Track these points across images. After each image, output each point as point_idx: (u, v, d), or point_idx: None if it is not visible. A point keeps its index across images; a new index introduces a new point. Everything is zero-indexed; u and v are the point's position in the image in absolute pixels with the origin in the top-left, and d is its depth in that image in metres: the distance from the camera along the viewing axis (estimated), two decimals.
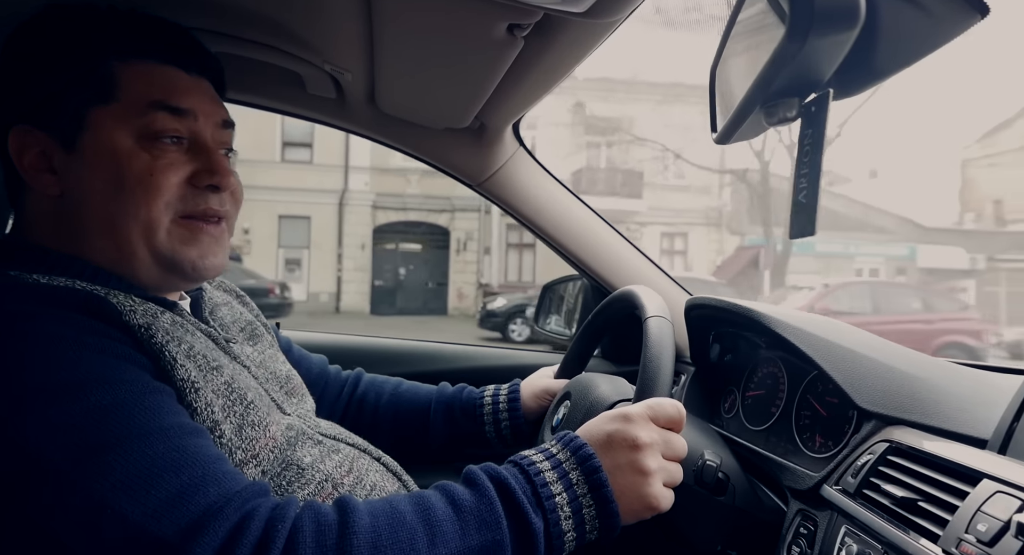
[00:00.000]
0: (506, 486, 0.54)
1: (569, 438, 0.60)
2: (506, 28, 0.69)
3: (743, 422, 0.98)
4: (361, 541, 0.48)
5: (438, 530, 0.50)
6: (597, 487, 0.56)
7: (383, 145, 1.18)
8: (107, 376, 0.50)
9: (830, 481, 0.71)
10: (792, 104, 0.49)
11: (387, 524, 0.50)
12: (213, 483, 0.48)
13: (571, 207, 1.21)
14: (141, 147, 0.61)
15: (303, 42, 0.89)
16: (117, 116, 0.61)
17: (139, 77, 0.62)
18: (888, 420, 0.70)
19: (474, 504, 0.53)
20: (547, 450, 0.59)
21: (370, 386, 0.98)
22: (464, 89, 0.91)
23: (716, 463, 0.76)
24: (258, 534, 0.46)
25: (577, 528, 0.55)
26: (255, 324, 0.81)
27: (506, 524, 0.52)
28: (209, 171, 0.63)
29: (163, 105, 0.62)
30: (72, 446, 0.45)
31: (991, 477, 0.52)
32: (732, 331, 1.05)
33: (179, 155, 0.63)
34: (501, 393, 0.96)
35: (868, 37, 0.43)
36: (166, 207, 0.61)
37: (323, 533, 0.48)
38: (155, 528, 0.44)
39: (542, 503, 0.54)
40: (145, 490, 0.45)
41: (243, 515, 0.47)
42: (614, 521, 0.56)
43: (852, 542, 0.62)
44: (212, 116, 0.66)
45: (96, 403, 0.48)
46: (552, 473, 0.56)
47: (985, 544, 0.48)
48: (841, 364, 0.77)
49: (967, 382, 0.75)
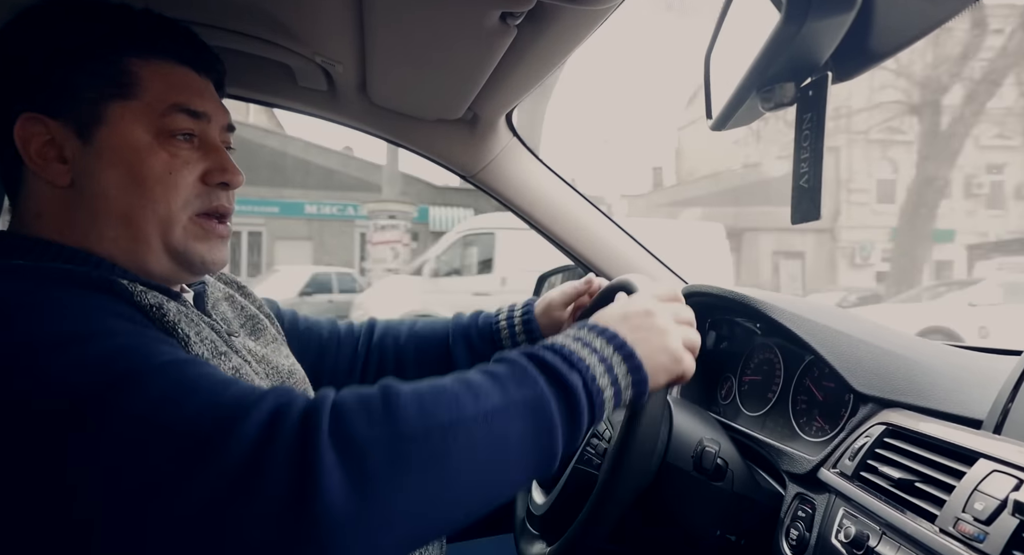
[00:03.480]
0: (535, 354, 0.55)
1: (582, 323, 0.62)
2: (499, 16, 0.68)
3: (740, 408, 0.98)
4: (407, 401, 0.47)
5: (480, 390, 0.50)
6: (620, 346, 0.58)
7: (376, 137, 1.17)
8: (124, 328, 0.51)
9: (827, 464, 0.72)
10: (788, 88, 0.49)
11: (428, 388, 0.49)
12: (245, 388, 0.48)
13: (565, 197, 1.21)
14: (159, 145, 0.62)
15: (293, 34, 0.88)
16: (137, 113, 0.61)
17: (159, 77, 0.63)
18: (884, 403, 0.70)
19: (508, 371, 0.53)
20: (566, 334, 0.60)
21: (387, 331, 0.99)
22: (457, 79, 0.90)
23: (715, 449, 0.76)
24: (301, 408, 0.45)
25: (613, 384, 0.56)
26: (258, 317, 0.81)
27: (543, 380, 0.52)
28: (221, 169, 0.65)
29: (184, 108, 0.63)
30: (101, 377, 0.46)
31: (987, 457, 0.53)
32: (728, 318, 1.06)
33: (192, 153, 0.64)
34: (515, 314, 0.96)
35: (865, 19, 0.43)
36: (184, 205, 0.63)
37: (366, 399, 0.47)
38: (197, 429, 0.44)
39: (574, 364, 0.55)
40: (181, 402, 0.45)
41: (282, 402, 0.46)
42: (641, 375, 0.58)
43: (850, 523, 0.62)
44: (220, 119, 0.68)
45: (119, 343, 0.49)
46: (575, 343, 0.57)
47: (982, 523, 0.48)
48: (837, 348, 0.77)
49: (962, 364, 0.76)
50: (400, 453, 0.44)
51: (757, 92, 0.50)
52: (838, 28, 0.41)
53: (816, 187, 0.48)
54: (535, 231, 1.23)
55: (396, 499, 0.44)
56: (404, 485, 0.44)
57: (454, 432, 0.46)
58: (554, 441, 0.51)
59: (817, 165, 0.48)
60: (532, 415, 0.50)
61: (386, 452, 0.44)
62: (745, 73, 0.48)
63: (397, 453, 0.44)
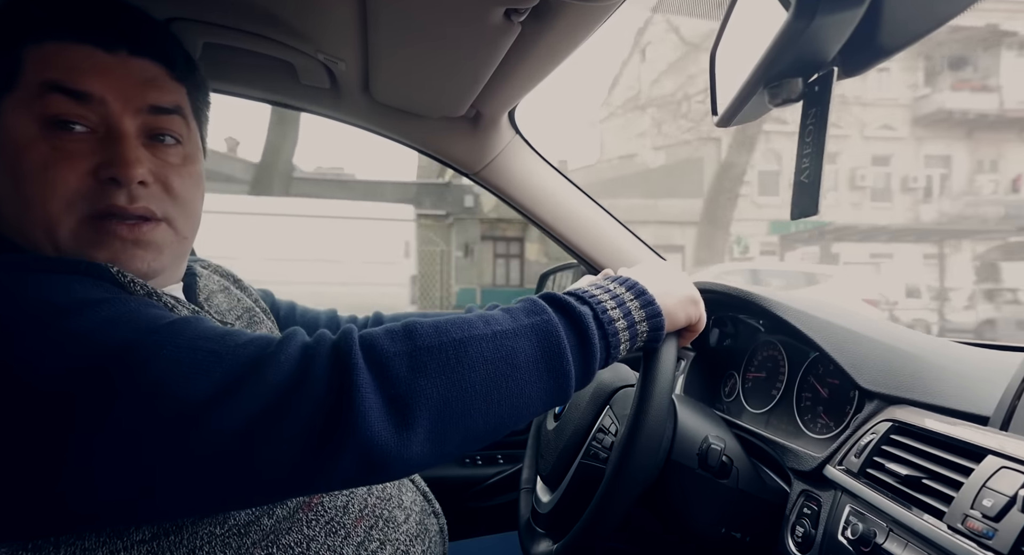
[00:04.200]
0: (549, 293, 0.58)
1: (600, 275, 0.68)
2: (503, 13, 0.68)
3: (744, 405, 0.98)
4: (424, 325, 0.52)
5: (491, 318, 0.54)
6: (632, 286, 0.61)
7: (378, 135, 1.17)
8: (121, 297, 0.51)
9: (833, 461, 0.71)
10: (795, 84, 0.49)
11: (445, 318, 0.54)
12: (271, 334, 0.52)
13: (568, 195, 1.21)
14: (42, 137, 0.54)
15: (295, 31, 0.87)
16: (18, 102, 0.55)
17: (41, 59, 0.55)
18: (890, 400, 0.70)
19: (521, 306, 0.57)
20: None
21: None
22: (460, 77, 0.90)
23: (720, 446, 0.76)
24: (333, 337, 0.50)
25: (626, 317, 0.59)
26: (254, 310, 0.80)
27: (552, 310, 0.56)
28: (109, 162, 0.55)
29: (58, 87, 0.54)
30: (137, 327, 0.47)
31: (996, 453, 0.53)
32: (731, 316, 1.06)
33: (84, 146, 0.55)
34: None
35: (874, 14, 0.43)
36: (68, 206, 0.55)
37: (389, 327, 0.52)
38: (244, 352, 0.47)
39: (586, 300, 0.58)
40: (221, 337, 0.49)
41: (314, 335, 0.51)
42: (655, 310, 0.61)
43: (857, 520, 0.62)
44: (134, 101, 0.57)
45: (138, 305, 0.50)
46: (590, 286, 0.61)
47: (991, 519, 0.48)
48: (842, 345, 0.77)
49: (968, 360, 0.76)
50: (418, 362, 0.49)
51: (764, 88, 0.50)
52: (847, 23, 0.41)
53: (815, 183, 0.48)
54: (537, 228, 1.23)
55: (417, 399, 0.48)
56: (423, 387, 0.49)
57: (464, 345, 0.51)
58: (564, 362, 0.54)
59: (818, 161, 0.48)
60: (539, 337, 0.54)
61: (407, 361, 0.49)
62: (752, 69, 0.48)
63: (415, 361, 0.49)
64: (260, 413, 0.45)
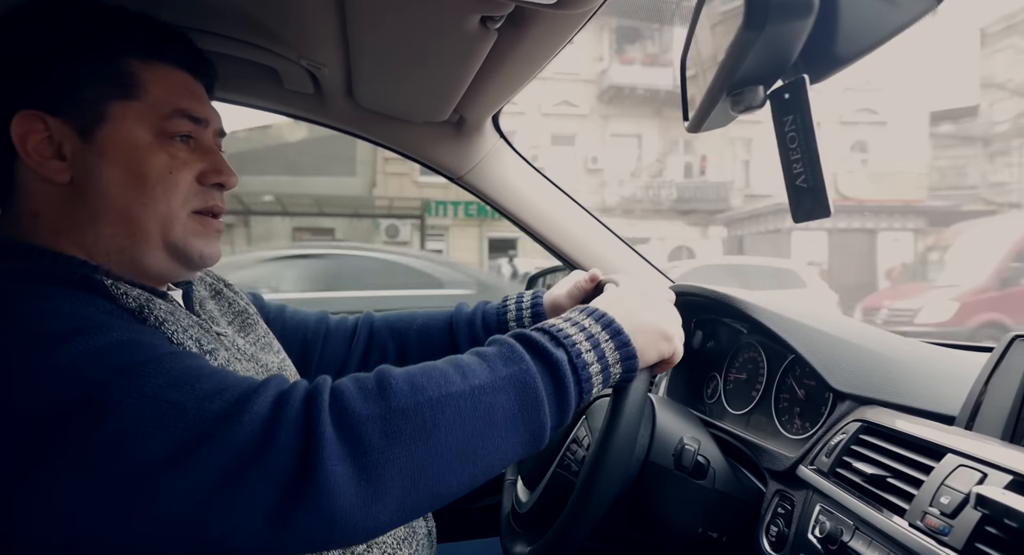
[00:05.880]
0: (522, 334, 0.58)
1: (576, 307, 0.65)
2: (479, 20, 0.69)
3: (725, 406, 0.99)
4: (398, 380, 0.51)
5: (468, 369, 0.53)
6: (608, 324, 0.60)
7: (363, 140, 1.18)
8: (118, 324, 0.53)
9: (806, 461, 0.73)
10: (757, 92, 0.50)
11: (419, 369, 0.53)
12: (246, 377, 0.52)
13: (553, 198, 1.22)
14: (159, 145, 0.64)
15: (277, 37, 0.88)
16: (140, 114, 0.63)
17: (161, 80, 0.65)
18: (862, 400, 0.71)
19: (495, 350, 0.56)
20: (558, 317, 0.63)
21: (387, 326, 0.97)
22: (441, 82, 0.91)
23: (694, 447, 0.77)
24: (303, 391, 0.50)
25: (600, 360, 0.58)
26: (247, 312, 0.81)
27: (529, 358, 0.55)
28: (216, 170, 0.68)
29: (187, 114, 0.65)
30: (108, 366, 0.48)
31: (955, 451, 0.54)
32: (713, 318, 1.07)
33: (189, 154, 0.66)
34: (524, 305, 0.94)
35: (828, 24, 0.44)
36: (183, 203, 0.65)
37: (361, 381, 0.51)
38: (210, 407, 0.47)
39: (560, 342, 0.57)
40: (191, 385, 0.48)
41: (285, 387, 0.51)
42: (629, 351, 0.60)
43: (825, 519, 0.63)
44: (215, 123, 0.71)
45: (118, 338, 0.51)
46: (564, 323, 0.60)
47: (947, 516, 0.49)
48: (816, 347, 0.78)
49: (938, 361, 0.77)
50: (392, 426, 0.48)
51: (727, 95, 0.51)
52: (798, 33, 0.42)
53: (819, 186, 0.49)
54: (524, 232, 1.24)
55: (390, 468, 0.47)
56: (396, 455, 0.48)
57: (442, 406, 0.50)
58: (541, 414, 0.54)
59: (815, 165, 0.49)
60: (518, 390, 0.53)
61: (380, 425, 0.48)
62: (714, 76, 0.49)
63: (390, 426, 0.48)
64: (219, 478, 0.45)
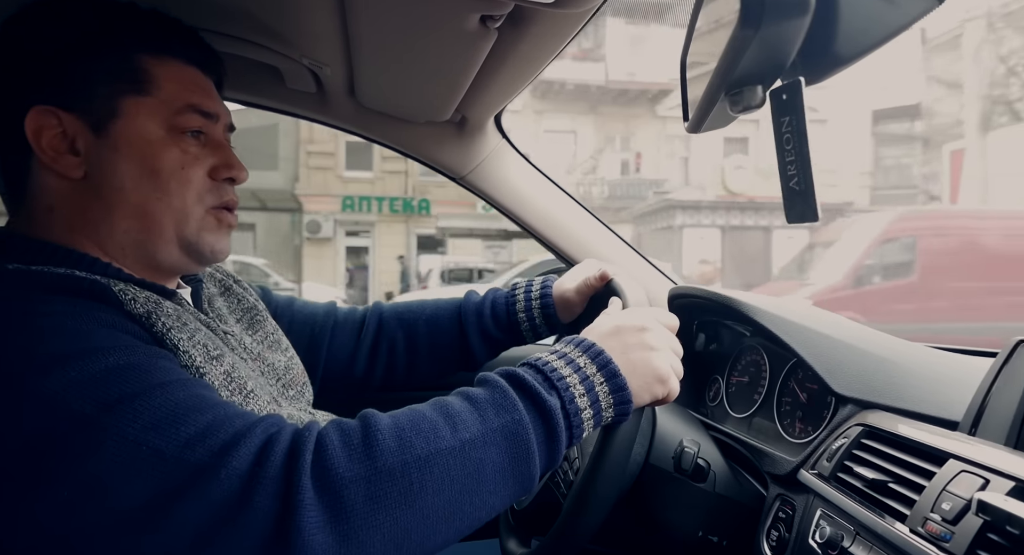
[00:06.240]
0: (516, 376, 0.56)
1: (571, 337, 0.63)
2: (479, 19, 0.69)
3: (727, 409, 0.99)
4: (385, 435, 0.49)
5: (458, 419, 0.51)
6: (604, 365, 0.58)
7: (366, 139, 1.18)
8: (118, 344, 0.52)
9: (807, 465, 0.72)
10: (756, 92, 0.49)
11: (407, 419, 0.51)
12: (236, 417, 0.50)
13: (555, 198, 1.21)
14: (171, 140, 0.64)
15: (279, 36, 0.88)
16: (152, 109, 0.63)
17: (173, 76, 0.65)
18: (864, 404, 0.71)
19: (488, 395, 0.54)
20: (552, 350, 0.61)
21: (396, 317, 0.96)
22: (442, 82, 0.91)
23: (693, 450, 0.77)
24: (287, 444, 0.48)
25: (593, 405, 0.56)
26: (255, 309, 0.81)
27: (522, 405, 0.53)
28: (227, 165, 0.68)
29: (199, 109, 0.66)
30: (97, 398, 0.47)
31: (957, 457, 0.53)
32: (715, 320, 1.06)
33: (200, 150, 0.66)
34: (533, 292, 0.94)
35: (826, 23, 0.44)
36: (198, 199, 0.66)
37: (348, 435, 0.49)
38: (190, 457, 0.46)
39: (554, 385, 0.56)
40: (175, 427, 0.47)
41: (271, 434, 0.49)
42: (624, 396, 0.58)
43: (826, 524, 0.63)
44: (225, 119, 0.71)
45: (114, 363, 0.50)
46: (559, 361, 0.58)
47: (949, 522, 0.49)
48: (818, 350, 0.77)
49: (941, 366, 0.76)
50: (378, 489, 0.47)
51: (726, 95, 0.51)
52: (795, 33, 0.41)
53: (809, 189, 0.49)
54: (525, 231, 1.23)
55: (373, 534, 0.46)
56: (380, 521, 0.46)
57: (430, 465, 0.48)
58: (532, 466, 0.53)
59: (806, 168, 0.49)
60: (509, 442, 0.52)
61: (364, 489, 0.46)
62: (712, 76, 0.49)
63: (374, 489, 0.47)
64: (192, 535, 0.44)
